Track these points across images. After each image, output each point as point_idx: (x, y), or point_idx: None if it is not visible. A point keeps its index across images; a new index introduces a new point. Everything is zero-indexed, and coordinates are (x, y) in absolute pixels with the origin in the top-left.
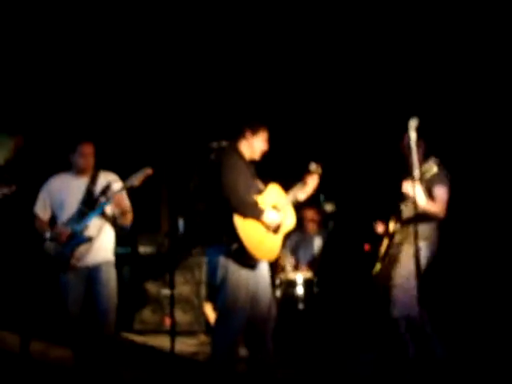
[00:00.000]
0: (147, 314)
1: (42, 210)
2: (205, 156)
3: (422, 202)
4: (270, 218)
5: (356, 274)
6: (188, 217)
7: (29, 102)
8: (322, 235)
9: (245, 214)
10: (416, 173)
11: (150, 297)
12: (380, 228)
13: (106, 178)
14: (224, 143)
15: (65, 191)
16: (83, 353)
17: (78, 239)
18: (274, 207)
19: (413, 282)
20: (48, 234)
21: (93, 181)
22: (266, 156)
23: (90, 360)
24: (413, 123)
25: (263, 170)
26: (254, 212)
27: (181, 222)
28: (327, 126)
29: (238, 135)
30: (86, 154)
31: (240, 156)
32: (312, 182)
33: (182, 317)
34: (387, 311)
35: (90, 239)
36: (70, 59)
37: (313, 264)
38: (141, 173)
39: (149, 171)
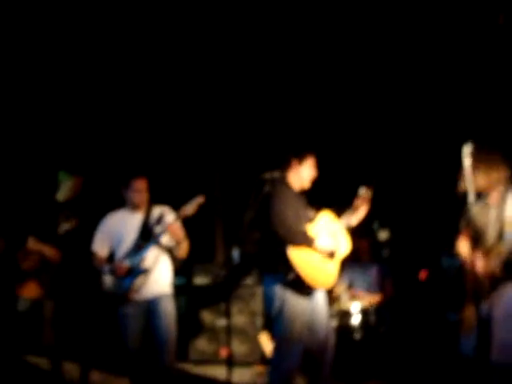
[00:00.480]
0: (203, 344)
1: (100, 248)
2: (259, 187)
3: None
4: (322, 245)
5: (410, 303)
6: (243, 247)
7: (86, 141)
8: (377, 264)
9: (295, 244)
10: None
11: (206, 327)
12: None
13: (160, 212)
14: (277, 174)
15: (121, 227)
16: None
17: (136, 272)
18: (328, 232)
19: None
20: (106, 269)
21: (148, 215)
22: (317, 183)
23: None
24: (467, 149)
25: (315, 198)
26: (304, 240)
27: (236, 253)
28: (382, 152)
29: (285, 166)
30: (140, 189)
31: (289, 187)
32: (362, 207)
33: (237, 347)
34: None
35: (146, 271)
36: (120, 98)
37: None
38: (194, 201)
39: (201, 200)
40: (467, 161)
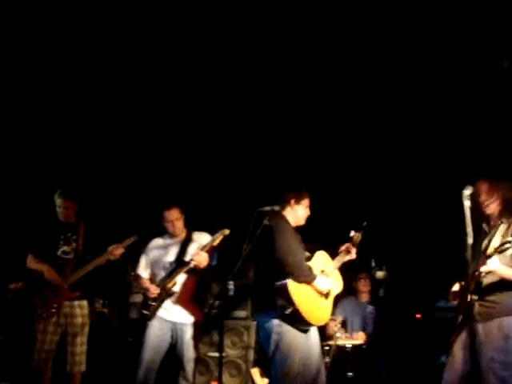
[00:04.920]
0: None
1: (143, 270)
2: (257, 219)
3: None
4: (323, 284)
5: (407, 342)
6: (239, 280)
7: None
8: (374, 302)
9: (300, 277)
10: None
11: (198, 358)
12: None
13: (198, 238)
14: (276, 207)
15: (160, 253)
16: None
17: (166, 295)
18: (323, 272)
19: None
20: (142, 290)
21: (185, 242)
22: (312, 221)
23: None
24: (466, 192)
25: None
26: (309, 276)
27: (231, 285)
28: (381, 190)
29: (282, 202)
30: (172, 219)
31: (288, 222)
32: (352, 250)
33: (228, 380)
34: None
35: (173, 293)
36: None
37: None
38: (220, 233)
39: (227, 232)
40: (466, 203)
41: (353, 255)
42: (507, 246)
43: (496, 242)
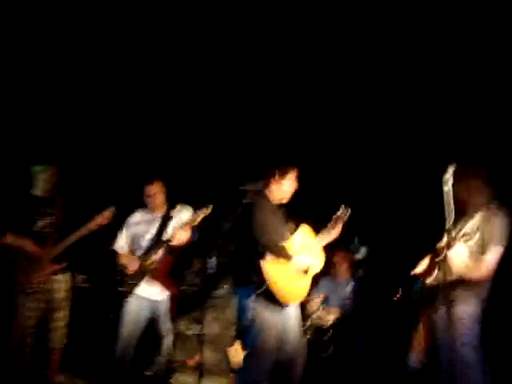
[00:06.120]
0: (175, 351)
1: (121, 246)
2: (239, 197)
3: (460, 266)
4: (299, 264)
5: (385, 321)
6: (220, 257)
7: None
8: (353, 280)
9: (275, 255)
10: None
11: (179, 334)
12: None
13: (179, 213)
14: (258, 185)
15: (140, 227)
16: None
17: (145, 271)
18: (304, 248)
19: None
20: (121, 266)
21: (165, 217)
22: (299, 195)
23: None
24: (447, 176)
25: (296, 209)
26: (282, 255)
27: (212, 262)
28: (364, 169)
29: (267, 178)
30: (152, 194)
31: (268, 200)
32: (338, 226)
33: (209, 355)
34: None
35: (151, 271)
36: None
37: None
38: (201, 212)
39: (209, 210)
40: (445, 188)
41: (337, 231)
42: (467, 237)
43: (466, 230)
